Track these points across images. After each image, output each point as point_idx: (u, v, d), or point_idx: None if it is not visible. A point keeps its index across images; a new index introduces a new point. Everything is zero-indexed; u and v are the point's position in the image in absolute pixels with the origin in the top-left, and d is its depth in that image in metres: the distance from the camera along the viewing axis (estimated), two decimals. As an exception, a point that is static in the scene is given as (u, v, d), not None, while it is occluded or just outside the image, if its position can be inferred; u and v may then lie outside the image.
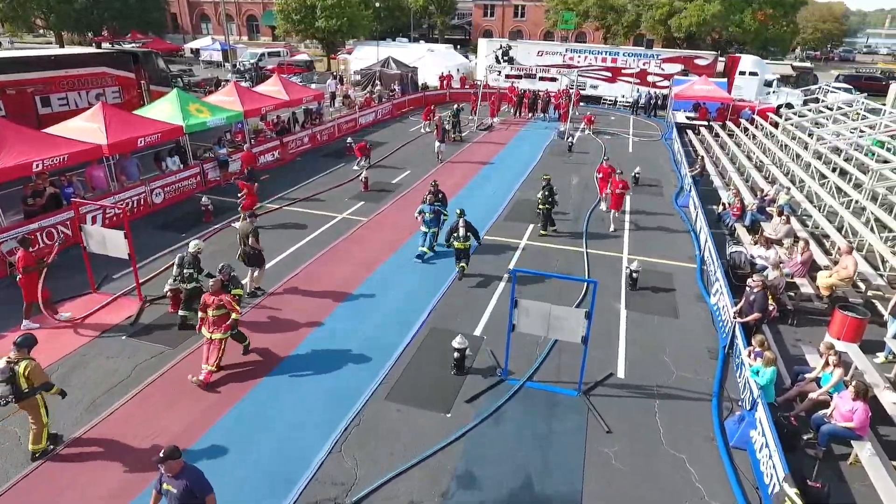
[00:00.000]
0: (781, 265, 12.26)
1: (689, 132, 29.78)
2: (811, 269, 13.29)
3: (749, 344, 9.66)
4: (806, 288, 12.32)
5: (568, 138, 27.46)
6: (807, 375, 9.50)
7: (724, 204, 17.69)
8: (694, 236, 16.32)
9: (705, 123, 30.75)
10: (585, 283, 13.33)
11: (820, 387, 9.06)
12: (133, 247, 11.51)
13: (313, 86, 37.41)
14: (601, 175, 18.41)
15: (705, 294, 13.01)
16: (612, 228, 16.50)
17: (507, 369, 9.92)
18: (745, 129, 28.60)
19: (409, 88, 36.92)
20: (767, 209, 16.00)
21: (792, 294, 12.47)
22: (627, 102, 38.75)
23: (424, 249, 14.45)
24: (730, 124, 30.29)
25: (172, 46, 62.08)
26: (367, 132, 29.00)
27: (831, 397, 8.84)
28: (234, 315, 9.49)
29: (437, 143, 23.49)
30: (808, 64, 49.12)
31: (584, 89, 37.66)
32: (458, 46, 62.31)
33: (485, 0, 76.70)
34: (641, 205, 19.15)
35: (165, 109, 18.90)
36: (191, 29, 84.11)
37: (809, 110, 27.83)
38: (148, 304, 11.83)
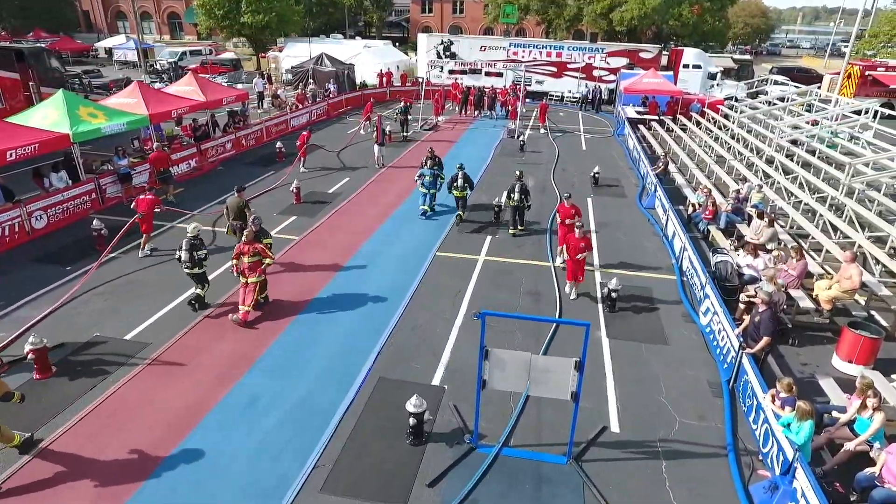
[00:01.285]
0: (776, 277, 10.77)
1: (642, 127, 28.70)
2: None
3: (766, 383, 8.01)
4: (805, 301, 10.88)
5: (519, 137, 25.78)
6: (836, 416, 7.92)
7: (693, 205, 16.30)
8: (667, 243, 14.80)
9: (656, 118, 29.81)
10: (556, 314, 11.45)
11: (855, 433, 7.47)
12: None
13: (239, 86, 34.33)
14: (561, 218, 13.11)
15: (693, 313, 11.39)
16: (573, 297, 11.85)
17: (478, 433, 7.85)
18: (698, 123, 27.76)
19: (345, 87, 34.35)
20: (747, 210, 14.65)
21: (784, 306, 11.03)
22: (575, 98, 37.62)
23: (425, 208, 16.11)
24: (681, 118, 29.45)
25: (82, 46, 56.83)
26: (299, 135, 26.29)
27: (871, 446, 7.28)
28: (267, 260, 10.58)
29: (376, 147, 21.20)
30: (747, 57, 49.75)
31: (529, 85, 36.18)
32: (397, 44, 59.94)
33: (422, -5, 74.67)
34: (605, 208, 17.58)
35: (49, 115, 15.79)
36: (106, 28, 77.82)
37: (762, 103, 27.25)
38: (6, 367, 9.07)
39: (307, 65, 34.68)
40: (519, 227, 15.14)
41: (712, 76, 36.86)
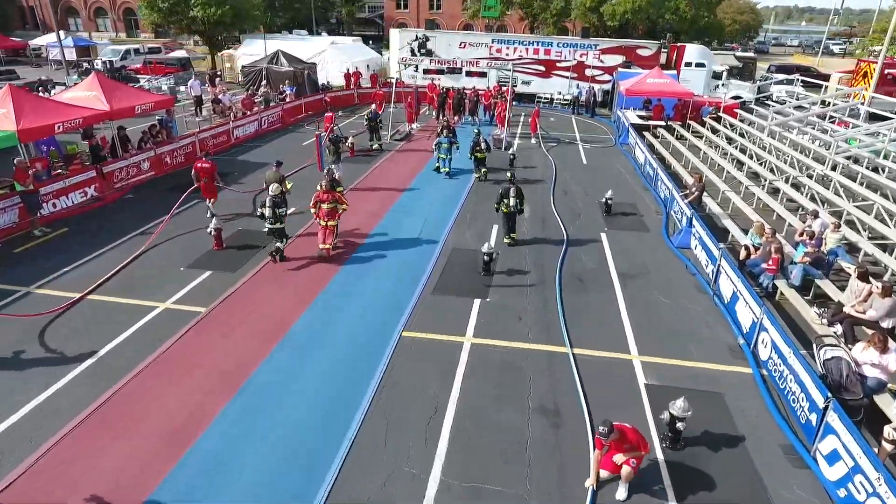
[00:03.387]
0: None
1: (647, 135, 24.74)
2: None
3: None
4: (984, 436, 6.86)
5: (507, 148, 21.64)
6: None
7: (746, 247, 12.25)
8: (725, 309, 10.70)
9: (662, 124, 25.90)
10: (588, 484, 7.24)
11: None
12: None
13: (182, 88, 29.72)
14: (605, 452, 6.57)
15: (800, 447, 7.30)
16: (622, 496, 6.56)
17: None
18: (714, 130, 23.89)
19: (305, 89, 29.81)
20: (840, 262, 10.65)
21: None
22: (566, 100, 33.67)
23: (446, 170, 18.30)
24: (693, 124, 25.58)
25: (18, 44, 51.31)
26: (246, 148, 21.88)
27: None
28: (342, 206, 11.91)
29: (334, 167, 16.86)
30: (751, 54, 46.34)
31: (515, 86, 32.10)
32: (371, 42, 55.47)
33: (397, -10, 70.40)
34: (626, 249, 13.48)
35: None
36: (56, 25, 71.84)
37: (790, 107, 23.48)
38: None
39: (260, 64, 30.11)
40: (512, 236, 13.46)
41: (717, 75, 33.15)
